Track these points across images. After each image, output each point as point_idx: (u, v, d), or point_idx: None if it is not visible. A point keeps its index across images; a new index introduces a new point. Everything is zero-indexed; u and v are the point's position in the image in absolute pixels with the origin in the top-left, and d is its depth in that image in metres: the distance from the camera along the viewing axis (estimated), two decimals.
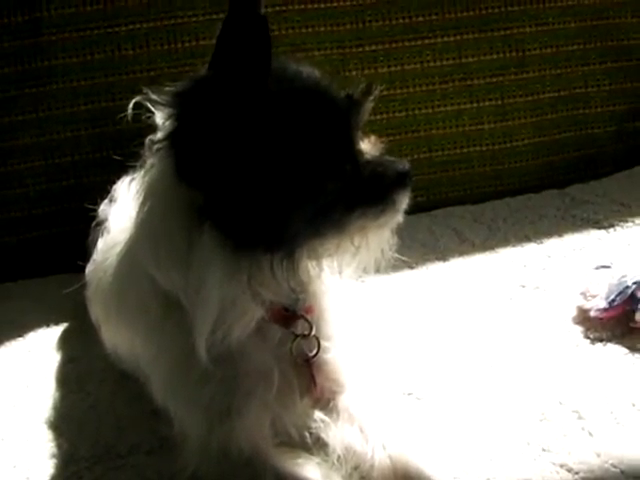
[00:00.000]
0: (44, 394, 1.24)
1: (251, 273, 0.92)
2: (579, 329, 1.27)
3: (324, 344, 1.05)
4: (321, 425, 1.03)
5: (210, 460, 0.98)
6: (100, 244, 1.18)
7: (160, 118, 0.95)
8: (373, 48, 1.72)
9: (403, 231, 1.04)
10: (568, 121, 1.84)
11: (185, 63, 1.62)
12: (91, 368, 1.28)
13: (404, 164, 1.00)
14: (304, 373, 1.03)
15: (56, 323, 1.44)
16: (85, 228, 1.30)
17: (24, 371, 1.31)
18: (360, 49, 1.72)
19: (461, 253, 1.55)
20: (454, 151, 1.79)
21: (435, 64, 1.76)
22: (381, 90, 1.02)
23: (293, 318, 1.02)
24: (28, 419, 1.19)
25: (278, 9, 1.65)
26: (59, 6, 1.60)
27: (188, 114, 0.90)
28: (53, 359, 1.34)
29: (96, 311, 1.20)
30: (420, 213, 1.66)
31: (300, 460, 1.00)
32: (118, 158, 1.14)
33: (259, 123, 0.89)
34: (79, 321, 1.36)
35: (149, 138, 0.97)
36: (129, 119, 0.99)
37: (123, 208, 1.15)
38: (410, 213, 1.03)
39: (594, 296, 1.28)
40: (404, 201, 0.99)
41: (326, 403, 1.07)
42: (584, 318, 1.28)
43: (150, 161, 0.96)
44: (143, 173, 0.98)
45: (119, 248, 1.06)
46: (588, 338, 1.25)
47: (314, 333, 1.03)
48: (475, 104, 1.79)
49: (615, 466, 1.00)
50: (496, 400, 1.13)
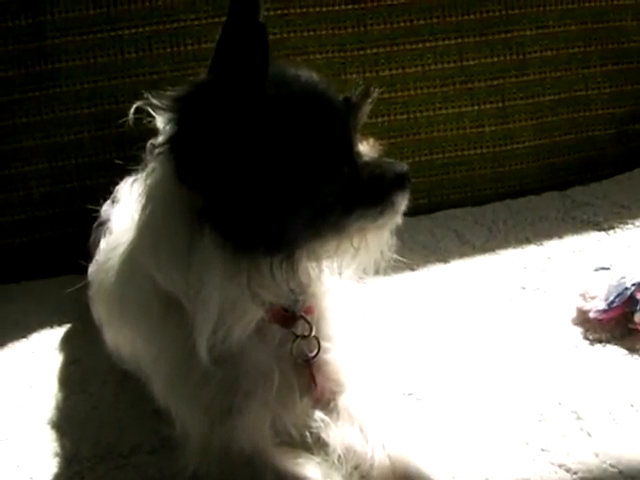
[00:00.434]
0: (47, 394, 1.25)
1: (251, 275, 0.92)
2: (578, 330, 1.28)
3: (324, 344, 1.05)
4: (321, 425, 1.04)
5: (211, 460, 0.98)
6: (103, 244, 1.19)
7: (161, 122, 0.95)
8: (374, 51, 1.73)
9: (404, 233, 1.05)
10: (568, 123, 1.84)
11: (188, 66, 1.63)
12: (94, 369, 1.29)
13: (402, 166, 1.00)
14: (304, 373, 1.04)
15: (59, 324, 1.45)
16: (88, 230, 1.32)
17: (27, 372, 1.32)
18: (361, 52, 1.72)
19: (462, 255, 1.55)
20: (455, 153, 1.80)
21: (436, 67, 1.76)
22: (382, 93, 1.03)
23: (293, 319, 1.02)
24: (31, 419, 1.19)
25: (280, 12, 1.66)
26: (63, 10, 1.61)
27: (188, 118, 0.90)
28: (56, 360, 1.35)
29: (98, 311, 1.21)
30: (421, 215, 1.67)
31: (300, 460, 1.00)
32: (120, 162, 1.15)
33: (257, 126, 0.89)
34: (82, 322, 1.37)
35: (150, 142, 0.98)
36: (131, 123, 0.99)
37: (126, 209, 1.15)
38: (411, 215, 1.04)
39: (594, 297, 1.29)
40: (403, 202, 0.99)
41: (326, 403, 1.07)
42: (584, 319, 1.28)
43: (151, 165, 0.97)
44: (144, 176, 0.99)
45: (121, 249, 1.06)
46: (587, 339, 1.25)
47: (314, 334, 1.03)
48: (476, 107, 1.79)
49: (613, 466, 1.00)
50: (495, 400, 1.13)
